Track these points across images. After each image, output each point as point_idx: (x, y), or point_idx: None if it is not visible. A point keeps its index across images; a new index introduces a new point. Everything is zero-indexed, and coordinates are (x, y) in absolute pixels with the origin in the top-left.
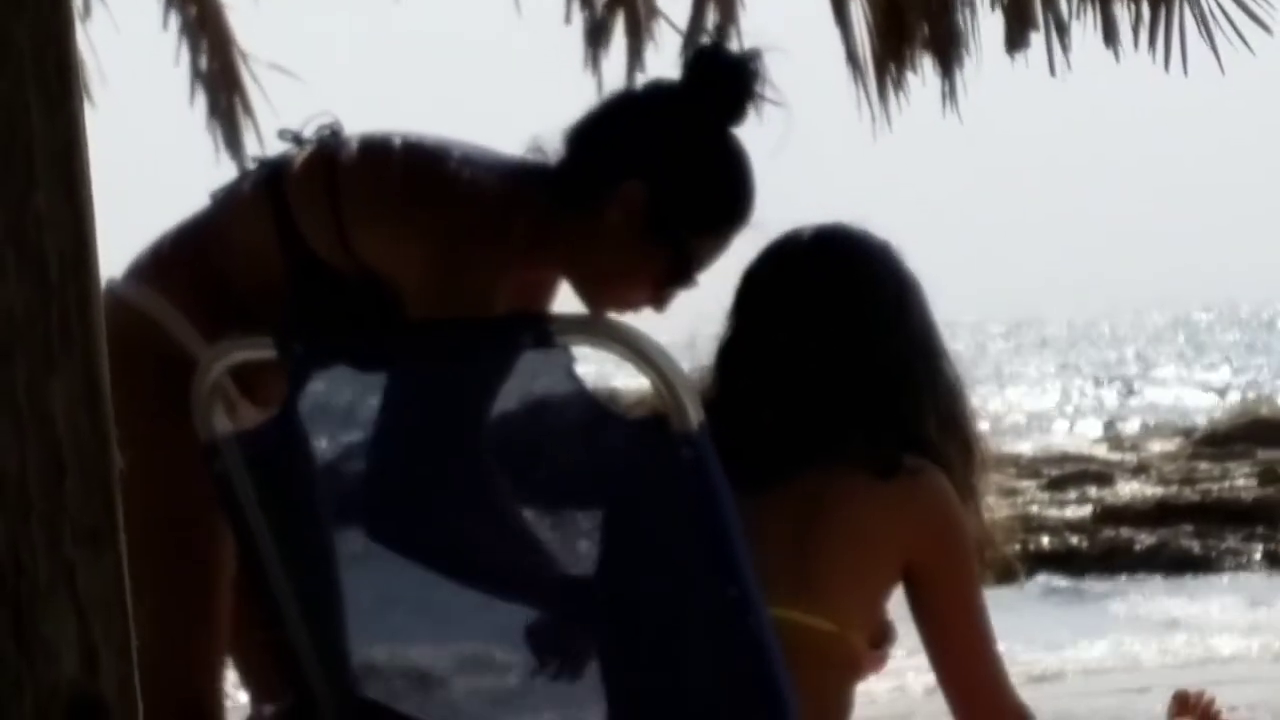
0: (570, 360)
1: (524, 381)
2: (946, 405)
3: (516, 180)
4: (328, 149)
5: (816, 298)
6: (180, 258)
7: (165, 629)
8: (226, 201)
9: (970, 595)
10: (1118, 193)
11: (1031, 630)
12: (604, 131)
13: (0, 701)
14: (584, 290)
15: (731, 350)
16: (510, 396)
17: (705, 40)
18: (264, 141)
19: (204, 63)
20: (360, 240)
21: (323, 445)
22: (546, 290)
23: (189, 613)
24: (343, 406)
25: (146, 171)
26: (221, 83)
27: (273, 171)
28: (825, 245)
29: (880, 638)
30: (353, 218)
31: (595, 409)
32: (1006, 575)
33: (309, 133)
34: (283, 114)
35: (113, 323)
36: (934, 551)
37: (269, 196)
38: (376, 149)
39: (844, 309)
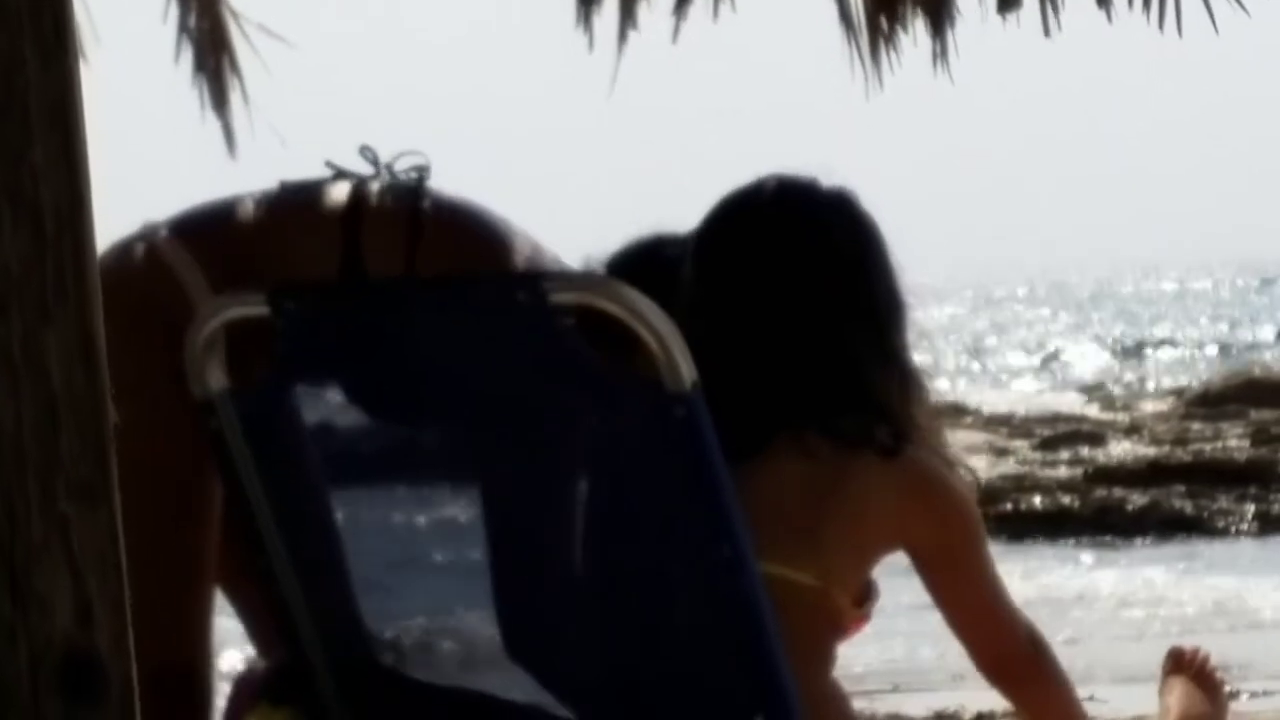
0: (563, 317)
1: (516, 339)
2: (906, 366)
3: None
4: (414, 202)
5: (777, 259)
6: (226, 237)
7: (159, 588)
8: (296, 201)
9: (981, 565)
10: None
11: None
12: None
13: None
14: None
15: (692, 312)
16: (504, 353)
17: None
18: (249, 99)
19: (192, 20)
20: None
21: (316, 402)
22: None
23: (182, 573)
24: (336, 363)
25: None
26: (209, 41)
27: (353, 198)
28: (785, 201)
29: (863, 597)
30: None
31: (589, 366)
32: None
33: (399, 166)
34: (271, 73)
35: (143, 273)
36: (938, 536)
37: (342, 223)
38: (467, 227)
39: (805, 272)
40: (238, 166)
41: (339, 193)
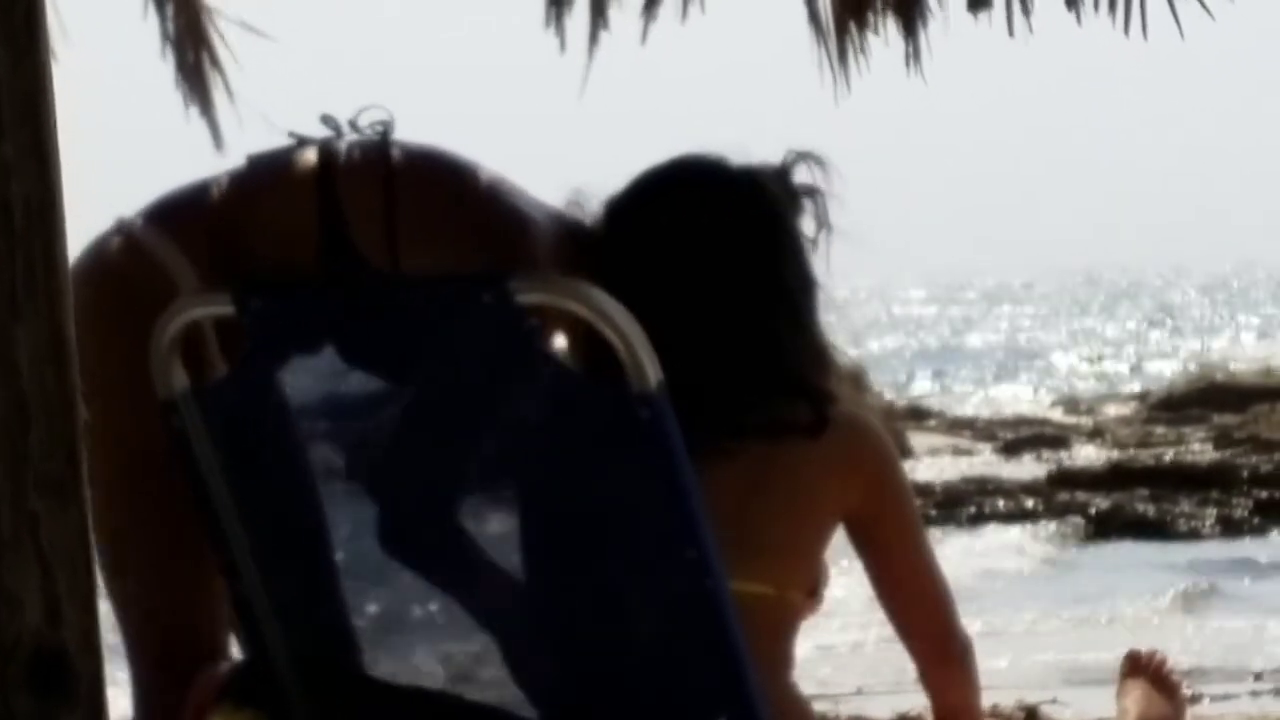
0: (527, 317)
1: (482, 339)
2: (820, 342)
3: (567, 231)
4: (383, 152)
5: (682, 239)
6: (202, 216)
7: (166, 569)
8: (266, 172)
9: (914, 533)
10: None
11: None
12: None
13: None
14: None
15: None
16: (469, 354)
17: None
18: (233, 96)
19: (171, 18)
20: (413, 261)
21: (280, 402)
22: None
23: (187, 554)
24: (301, 362)
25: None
26: (189, 39)
27: (323, 159)
28: (690, 181)
29: (816, 582)
30: (409, 240)
31: (553, 367)
32: None
33: (362, 121)
34: (250, 71)
35: (123, 262)
36: (874, 500)
37: (316, 184)
38: (441, 170)
39: (710, 252)
40: (227, 161)
41: (308, 156)
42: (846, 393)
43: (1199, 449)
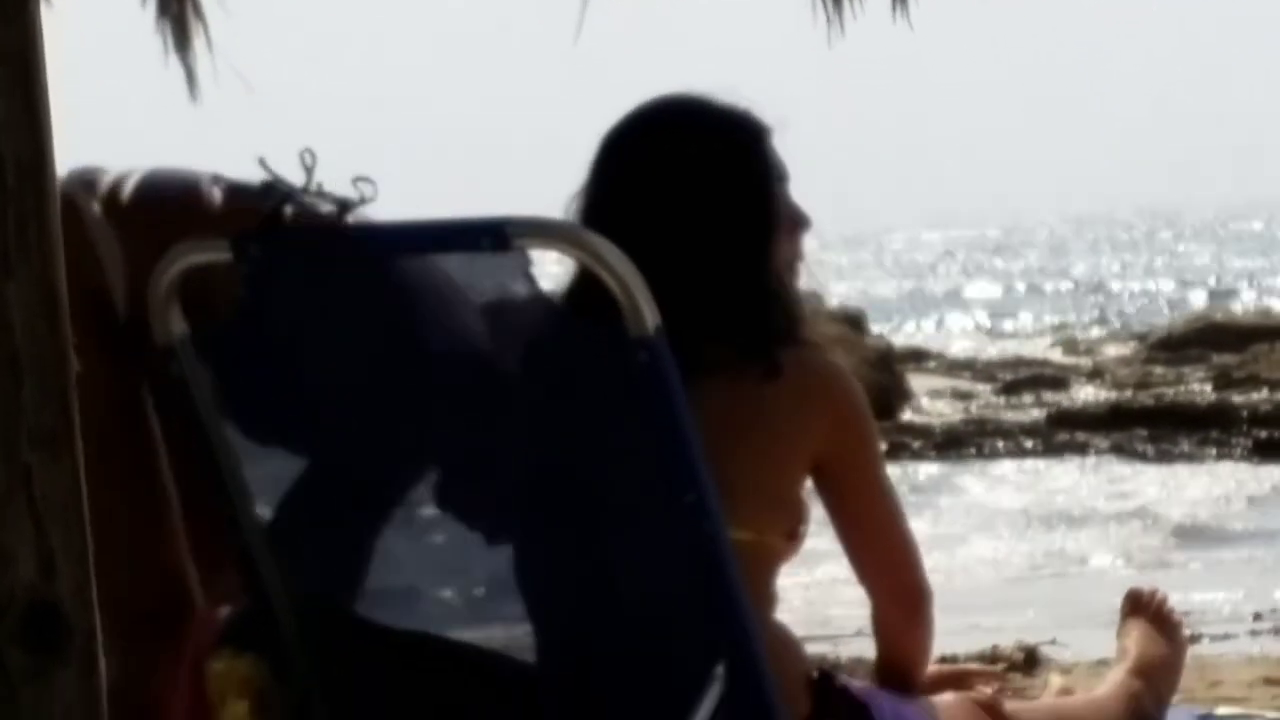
0: (527, 263)
1: (481, 284)
2: (794, 284)
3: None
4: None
5: (660, 174)
6: (153, 224)
7: (123, 532)
8: (214, 193)
9: (877, 473)
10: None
11: None
12: None
13: None
14: None
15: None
16: (468, 299)
17: None
18: (212, 45)
19: None
20: None
21: (279, 347)
22: None
23: (141, 512)
24: (300, 308)
25: (100, 74)
26: None
27: (270, 214)
28: (674, 122)
29: (796, 524)
30: None
31: (552, 312)
32: None
33: (330, 186)
34: (234, 18)
35: (66, 233)
36: (840, 442)
37: (260, 224)
38: None
39: (696, 195)
40: (199, 111)
41: (260, 200)
42: (830, 335)
43: (1198, 389)
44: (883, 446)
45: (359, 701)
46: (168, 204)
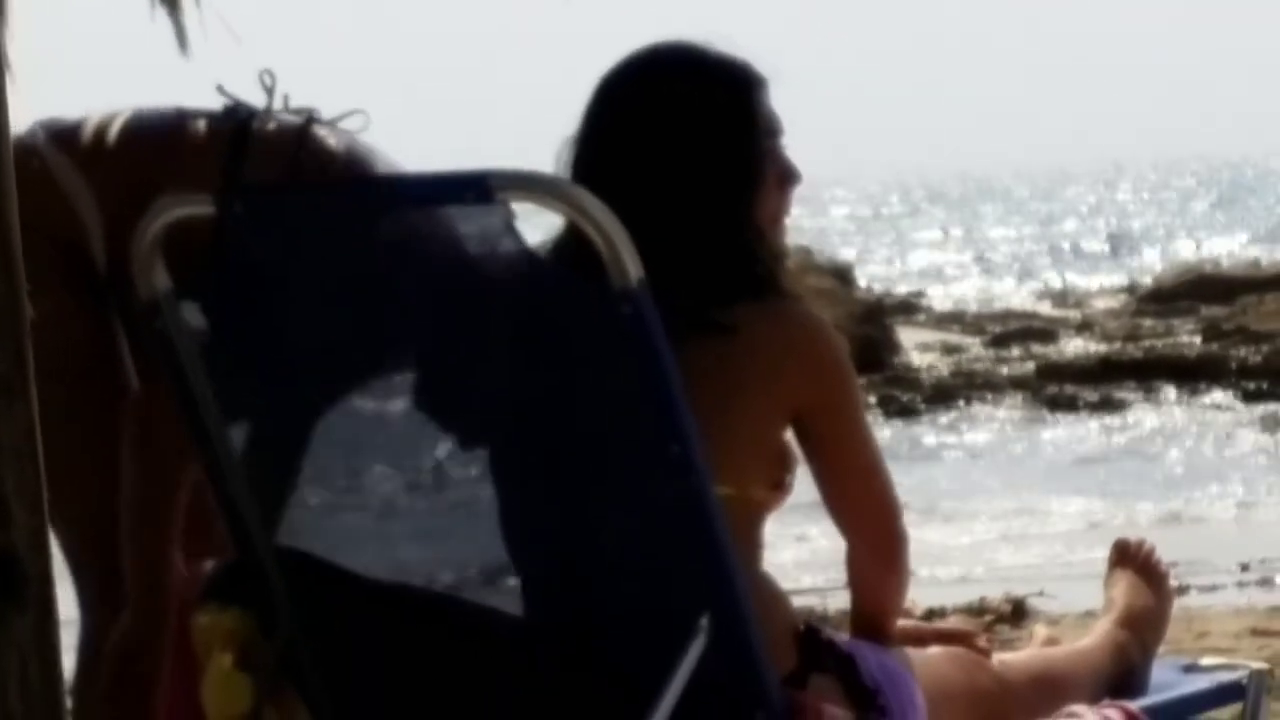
0: (510, 216)
1: (465, 236)
2: (777, 235)
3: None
4: (298, 139)
5: (649, 121)
6: (121, 166)
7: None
8: (186, 125)
9: (858, 421)
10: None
11: None
12: None
13: None
14: None
15: (573, 168)
16: (451, 252)
17: None
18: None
19: None
20: None
21: (262, 299)
22: None
23: (110, 461)
24: (283, 261)
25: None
26: None
27: (242, 121)
28: (668, 69)
29: (781, 474)
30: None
31: (535, 264)
32: None
33: (294, 103)
34: None
35: (27, 179)
36: (821, 392)
37: (230, 141)
38: (341, 160)
39: (685, 143)
40: (189, 66)
41: (230, 116)
42: (813, 288)
43: (1187, 341)
44: (870, 399)
45: (344, 653)
46: (145, 146)
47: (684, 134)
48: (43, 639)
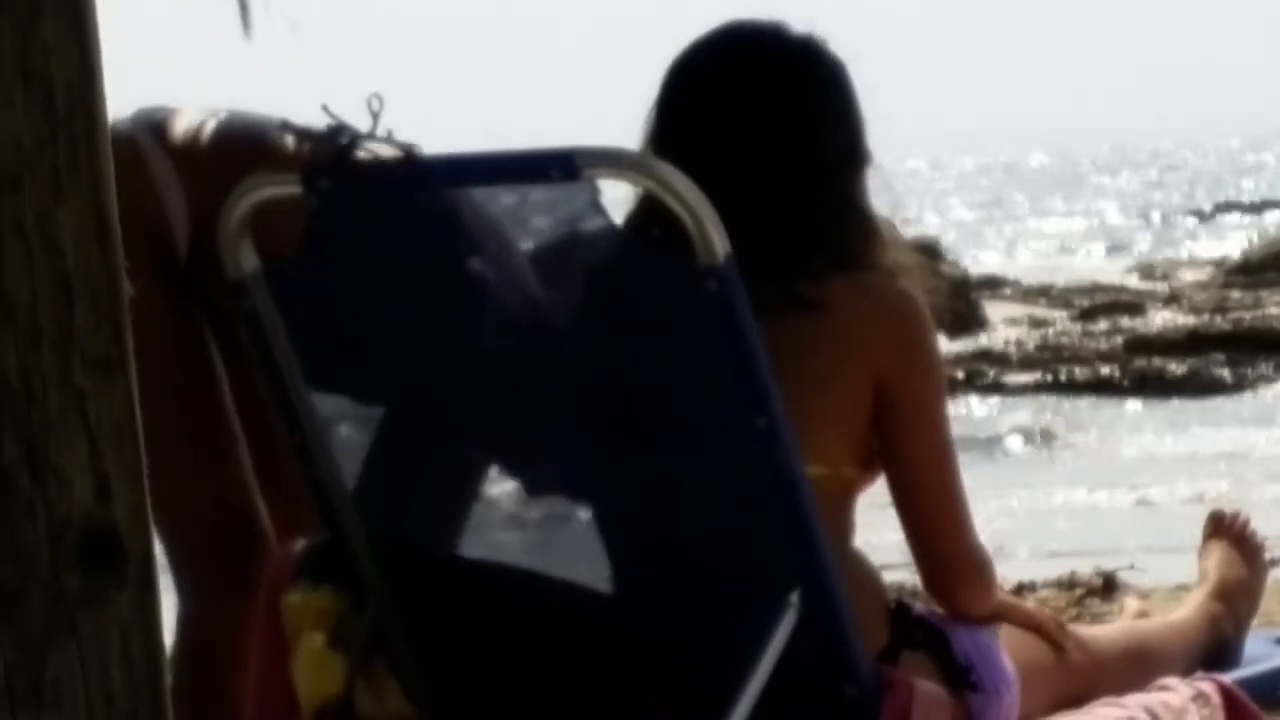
0: (597, 193)
1: (552, 214)
2: (864, 211)
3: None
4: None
5: (738, 104)
6: (215, 164)
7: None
8: (284, 137)
9: (938, 412)
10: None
11: None
12: None
13: (14, 531)
14: None
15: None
16: (539, 229)
17: None
18: None
19: None
20: None
21: (350, 280)
22: None
23: (204, 436)
24: (372, 241)
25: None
26: None
27: (344, 146)
28: (751, 46)
29: (869, 453)
30: None
31: (623, 242)
32: None
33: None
34: None
35: (122, 165)
36: (903, 360)
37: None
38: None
39: (766, 118)
40: (250, 47)
41: (328, 143)
42: (904, 264)
43: (1276, 313)
44: (959, 374)
45: (436, 630)
46: (239, 149)
47: (783, 111)
48: (144, 615)
